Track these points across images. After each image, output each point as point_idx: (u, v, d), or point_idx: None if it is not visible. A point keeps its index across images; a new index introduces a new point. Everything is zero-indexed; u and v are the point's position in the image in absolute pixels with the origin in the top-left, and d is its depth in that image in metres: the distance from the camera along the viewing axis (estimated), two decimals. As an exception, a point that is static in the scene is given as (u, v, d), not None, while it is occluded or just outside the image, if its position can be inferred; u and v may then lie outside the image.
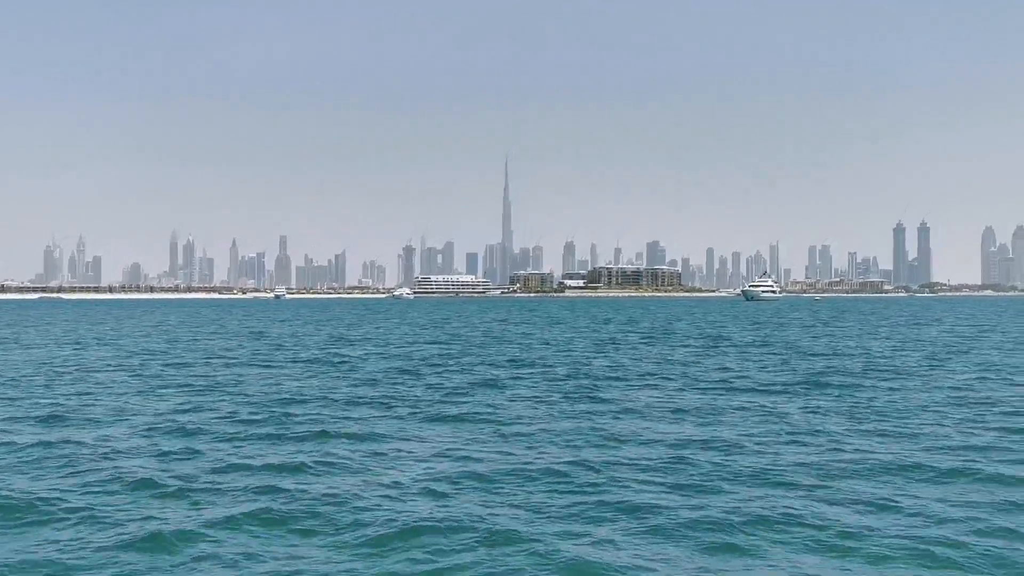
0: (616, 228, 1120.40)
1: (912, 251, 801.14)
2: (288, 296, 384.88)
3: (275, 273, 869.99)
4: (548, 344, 53.03)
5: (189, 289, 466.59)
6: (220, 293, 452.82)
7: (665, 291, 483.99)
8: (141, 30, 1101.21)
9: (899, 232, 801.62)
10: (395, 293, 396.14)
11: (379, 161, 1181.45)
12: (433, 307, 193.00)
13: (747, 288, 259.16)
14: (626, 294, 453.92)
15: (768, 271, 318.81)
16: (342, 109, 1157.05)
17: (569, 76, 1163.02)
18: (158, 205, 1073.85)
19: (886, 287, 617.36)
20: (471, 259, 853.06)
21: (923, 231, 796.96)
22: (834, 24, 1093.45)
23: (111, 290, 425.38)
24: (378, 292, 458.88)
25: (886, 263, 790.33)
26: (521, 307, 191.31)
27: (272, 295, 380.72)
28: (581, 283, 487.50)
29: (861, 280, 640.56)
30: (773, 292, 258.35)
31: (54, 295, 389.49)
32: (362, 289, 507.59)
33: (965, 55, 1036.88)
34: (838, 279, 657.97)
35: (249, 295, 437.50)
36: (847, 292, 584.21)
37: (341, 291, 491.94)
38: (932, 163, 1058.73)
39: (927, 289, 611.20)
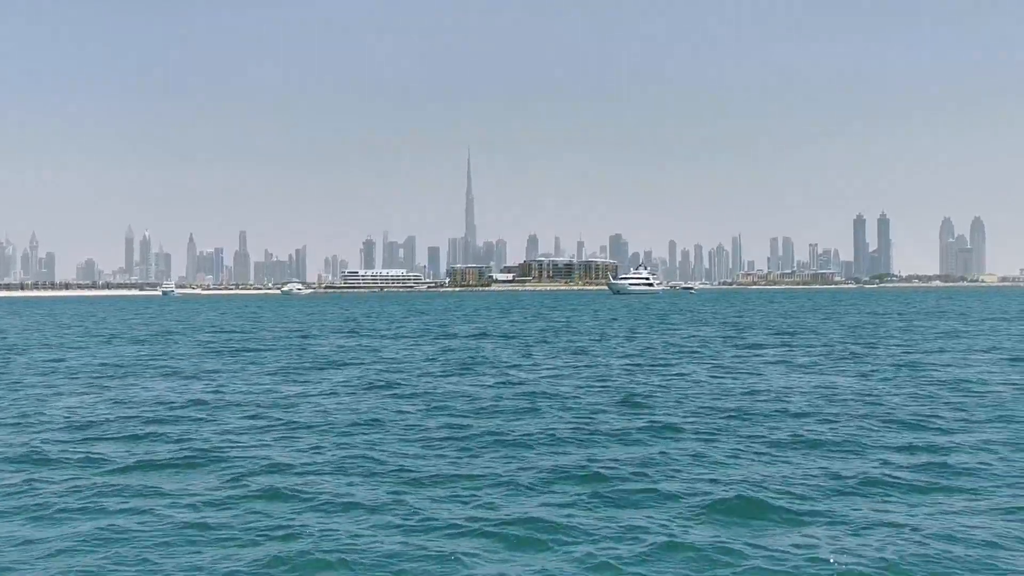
0: (582, 222, 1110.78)
1: (872, 242, 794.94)
2: (178, 292, 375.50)
3: (234, 269, 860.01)
4: None
5: (108, 286, 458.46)
6: (141, 289, 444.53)
7: (598, 284, 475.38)
8: (97, 26, 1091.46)
9: (859, 224, 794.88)
10: (284, 289, 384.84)
11: (342, 155, 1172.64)
12: (310, 304, 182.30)
13: (613, 281, 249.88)
14: (553, 287, 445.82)
15: (652, 264, 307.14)
16: (303, 103, 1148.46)
17: (534, 71, 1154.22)
18: (114, 201, 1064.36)
19: (836, 279, 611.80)
20: (433, 253, 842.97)
21: (883, 222, 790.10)
22: (796, 20, 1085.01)
23: (22, 287, 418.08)
24: (272, 289, 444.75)
25: (847, 255, 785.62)
26: (401, 302, 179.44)
27: (159, 292, 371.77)
28: (510, 277, 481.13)
29: (813, 272, 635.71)
30: (648, 285, 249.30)
31: None
32: (267, 286, 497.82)
33: (924, 51, 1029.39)
34: (790, 271, 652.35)
35: (171, 292, 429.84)
36: (799, 284, 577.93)
37: (241, 287, 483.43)
38: (893, 155, 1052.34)
39: (877, 280, 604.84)
